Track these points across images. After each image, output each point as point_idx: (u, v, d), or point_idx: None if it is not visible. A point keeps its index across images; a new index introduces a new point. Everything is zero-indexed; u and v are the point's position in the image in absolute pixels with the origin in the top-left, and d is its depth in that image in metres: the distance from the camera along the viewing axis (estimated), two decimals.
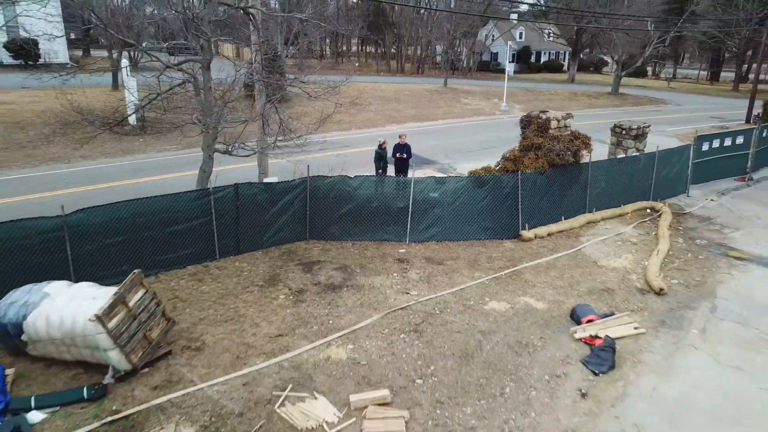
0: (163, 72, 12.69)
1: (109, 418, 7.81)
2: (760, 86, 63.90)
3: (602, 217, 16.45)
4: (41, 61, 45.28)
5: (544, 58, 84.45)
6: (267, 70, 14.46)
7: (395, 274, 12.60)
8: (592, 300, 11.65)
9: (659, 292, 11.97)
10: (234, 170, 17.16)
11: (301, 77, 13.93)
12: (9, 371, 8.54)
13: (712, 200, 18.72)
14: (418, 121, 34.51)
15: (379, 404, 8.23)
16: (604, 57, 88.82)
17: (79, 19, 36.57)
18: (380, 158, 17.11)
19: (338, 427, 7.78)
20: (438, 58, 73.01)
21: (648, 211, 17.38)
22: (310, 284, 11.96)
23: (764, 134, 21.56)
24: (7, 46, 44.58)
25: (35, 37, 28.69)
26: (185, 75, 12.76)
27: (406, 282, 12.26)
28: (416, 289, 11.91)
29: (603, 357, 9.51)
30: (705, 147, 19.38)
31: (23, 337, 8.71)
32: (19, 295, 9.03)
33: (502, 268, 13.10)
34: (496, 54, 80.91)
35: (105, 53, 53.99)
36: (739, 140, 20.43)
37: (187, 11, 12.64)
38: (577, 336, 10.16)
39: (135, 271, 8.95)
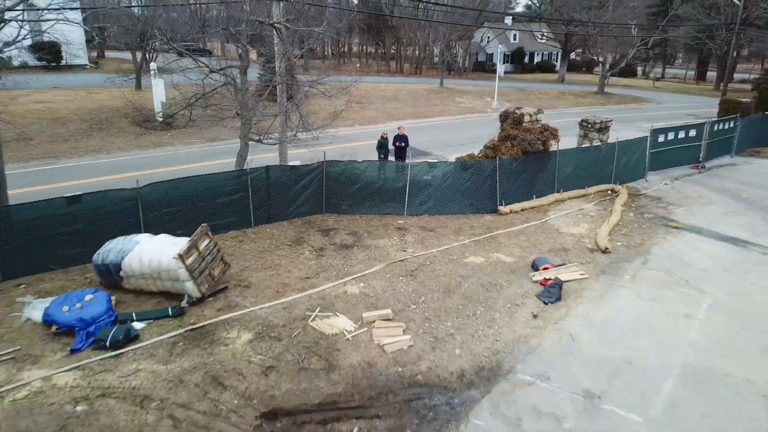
0: (207, 75, 15.68)
1: (189, 327, 10.84)
2: (740, 86, 66.82)
3: (569, 196, 19.49)
4: (63, 63, 48.27)
5: (537, 59, 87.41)
6: (289, 74, 17.44)
7: (395, 238, 15.63)
8: (550, 255, 14.68)
9: (604, 251, 15.00)
10: (258, 159, 20.17)
11: (319, 79, 16.93)
12: (112, 297, 11.56)
13: (665, 184, 21.75)
14: (416, 118, 37.51)
15: (384, 320, 11.25)
16: (595, 58, 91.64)
17: (95, 24, 39.49)
18: (382, 147, 20.13)
19: (354, 333, 10.81)
20: (435, 59, 75.94)
21: (609, 192, 20.40)
22: (328, 244, 14.99)
23: (715, 128, 24.60)
24: (33, 48, 47.53)
25: (56, 40, 31.52)
26: (226, 78, 15.75)
27: (404, 243, 15.28)
28: (411, 248, 14.94)
29: (552, 292, 12.54)
30: (660, 139, 22.41)
31: (121, 274, 11.75)
32: (115, 244, 12.07)
33: (480, 234, 16.13)
34: (491, 55, 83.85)
35: (117, 55, 56.93)
36: (692, 133, 23.48)
37: (229, 27, 15.66)
38: (534, 279, 13.19)
39: (203, 224, 12.00)
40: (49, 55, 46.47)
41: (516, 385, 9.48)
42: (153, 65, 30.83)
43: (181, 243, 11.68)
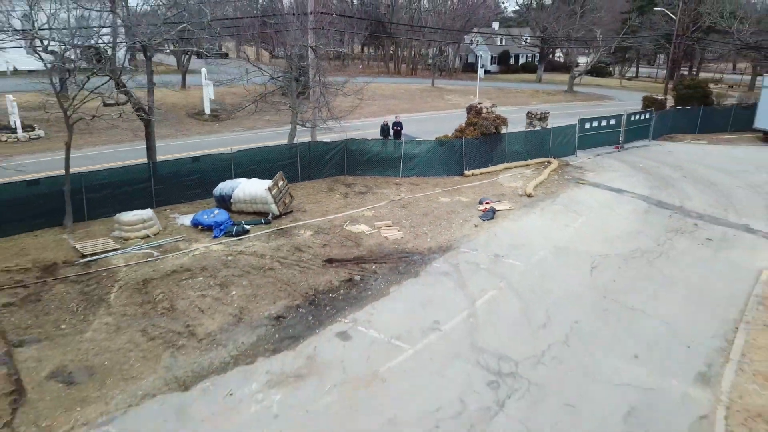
0: (274, 77, 23.38)
1: (274, 228, 18.67)
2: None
3: (515, 165, 27.31)
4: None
5: (521, 60, 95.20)
6: (321, 79, 25.21)
7: (393, 189, 23.46)
8: (492, 197, 22.51)
9: (529, 196, 22.82)
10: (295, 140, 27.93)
11: (342, 84, 24.71)
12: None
13: (589, 158, 29.58)
14: (410, 113, 45.24)
15: (386, 226, 19.09)
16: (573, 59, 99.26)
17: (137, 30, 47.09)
18: (384, 130, 27.93)
19: (370, 232, 18.63)
20: (429, 62, 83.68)
21: (545, 163, 28.22)
22: (350, 191, 22.84)
23: (632, 119, 32.41)
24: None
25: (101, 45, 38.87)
26: (281, 81, 23.48)
27: (399, 191, 23.13)
28: (404, 194, 22.79)
29: (488, 214, 20.38)
30: (587, 126, 30.22)
31: (231, 200, 19.59)
32: (226, 183, 19.92)
33: (450, 186, 23.97)
34: (479, 57, 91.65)
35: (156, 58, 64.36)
36: (612, 122, 31.31)
37: (285, 50, 23.44)
38: (479, 208, 21.03)
39: (279, 172, 19.84)
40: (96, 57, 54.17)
41: (459, 252, 17.33)
42: (203, 70, 38.56)
43: (266, 183, 19.52)
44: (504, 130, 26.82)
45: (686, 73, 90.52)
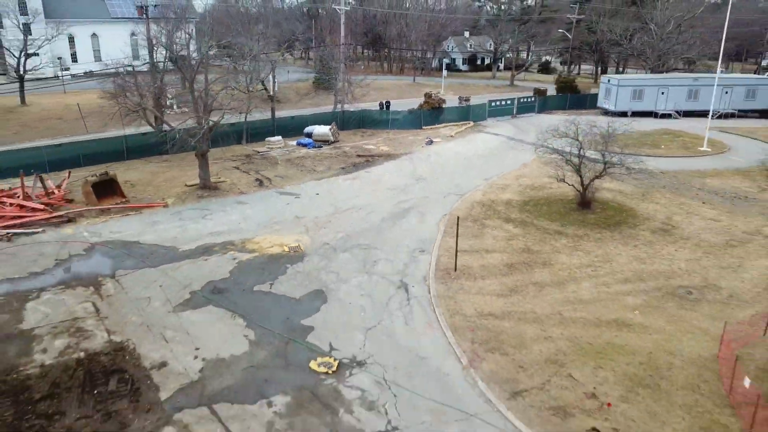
0: (319, 76, 45.37)
1: (331, 147, 40.89)
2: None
3: (449, 124, 49.40)
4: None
5: (487, 61, 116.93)
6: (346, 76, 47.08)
7: (385, 134, 45.71)
8: (433, 137, 44.70)
9: (451, 137, 45.05)
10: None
11: (358, 80, 46.58)
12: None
13: (492, 121, 51.69)
14: (397, 99, 67.05)
15: (381, 146, 41.37)
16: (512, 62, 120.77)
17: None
18: (380, 106, 50.06)
19: (374, 148, 40.87)
20: (416, 63, 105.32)
21: (466, 123, 50.34)
22: (364, 134, 45.17)
23: (521, 101, 54.42)
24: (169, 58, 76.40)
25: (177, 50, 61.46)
26: (330, 74, 45.48)
27: (388, 135, 45.36)
28: (390, 136, 45.04)
29: (429, 142, 42.64)
30: (494, 104, 52.27)
31: (312, 134, 41.83)
32: (310, 127, 42.23)
33: (413, 133, 46.24)
34: (454, 59, 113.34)
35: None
36: (509, 102, 53.36)
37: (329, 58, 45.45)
38: (425, 140, 43.32)
39: (333, 122, 42.13)
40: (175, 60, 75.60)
41: (413, 154, 39.53)
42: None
43: (327, 127, 41.70)
44: (444, 106, 49.01)
45: (604, 71, 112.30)
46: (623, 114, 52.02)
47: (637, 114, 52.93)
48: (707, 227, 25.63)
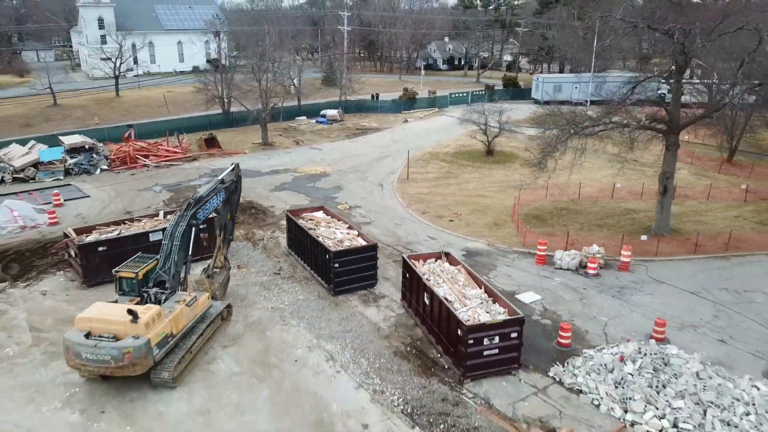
0: (326, 75, 63.71)
1: (339, 124, 59.40)
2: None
3: (421, 110, 67.85)
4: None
5: (464, 62, 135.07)
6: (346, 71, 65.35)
7: (375, 116, 64.16)
8: (408, 118, 63.17)
9: (421, 118, 63.56)
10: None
11: (357, 77, 64.76)
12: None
13: (452, 108, 70.14)
14: (385, 92, 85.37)
15: (372, 124, 59.93)
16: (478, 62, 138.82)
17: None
18: (372, 97, 68.43)
19: (367, 125, 59.38)
20: (402, 64, 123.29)
21: (433, 109, 68.77)
22: (361, 116, 63.59)
23: (474, 93, 72.73)
24: (209, 61, 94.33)
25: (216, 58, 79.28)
26: (332, 71, 63.83)
27: (378, 116, 63.83)
28: (379, 117, 63.55)
29: (405, 120, 61.21)
30: (453, 95, 70.60)
31: (326, 116, 60.30)
32: (324, 110, 60.71)
33: (395, 115, 64.73)
34: (436, 60, 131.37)
35: None
36: (465, 94, 71.67)
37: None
38: (403, 120, 61.85)
39: (339, 108, 60.73)
40: (215, 65, 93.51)
41: (393, 128, 58.06)
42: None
43: (336, 110, 60.16)
44: (417, 97, 67.53)
45: (560, 70, 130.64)
46: (548, 103, 70.34)
47: (558, 102, 71.40)
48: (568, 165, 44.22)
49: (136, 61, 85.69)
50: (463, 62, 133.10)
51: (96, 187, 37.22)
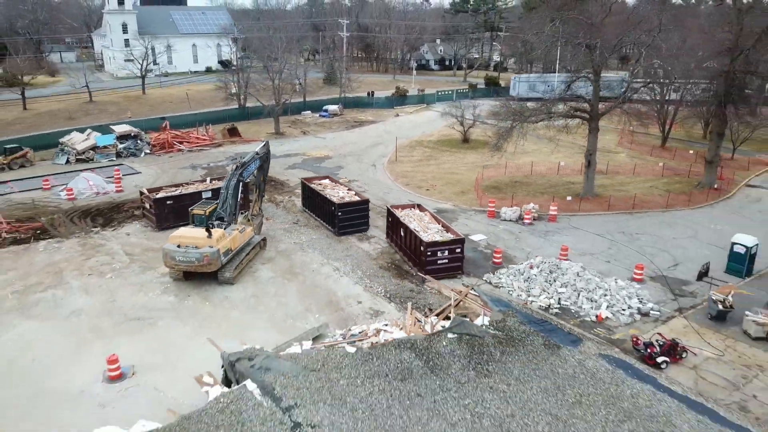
0: (328, 74, 71.94)
1: (340, 117, 67.70)
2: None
3: (411, 106, 76.13)
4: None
5: (453, 62, 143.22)
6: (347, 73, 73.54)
7: (371, 111, 72.43)
8: (400, 112, 71.48)
9: (411, 113, 71.87)
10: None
11: (355, 77, 72.89)
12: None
13: (438, 104, 78.42)
14: (380, 90, 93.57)
15: (369, 117, 68.25)
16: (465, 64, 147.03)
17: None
18: (368, 95, 76.69)
19: (364, 118, 67.72)
20: (396, 64, 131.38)
21: (422, 105, 77.00)
22: (358, 111, 71.89)
23: (458, 91, 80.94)
24: (221, 62, 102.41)
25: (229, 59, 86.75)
26: (332, 70, 72.09)
27: (374, 111, 72.16)
28: (374, 111, 71.87)
29: (396, 115, 69.49)
30: (440, 93, 78.79)
31: (328, 111, 68.70)
32: (326, 106, 69.05)
33: (389, 110, 73.02)
34: (428, 60, 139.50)
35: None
36: (450, 92, 79.92)
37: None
38: (395, 114, 70.18)
39: (339, 103, 69.08)
40: (225, 65, 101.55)
41: (387, 120, 66.34)
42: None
43: (337, 105, 68.45)
44: (408, 94, 75.81)
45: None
46: (522, 99, 78.76)
47: (532, 99, 79.81)
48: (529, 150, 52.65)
49: (156, 62, 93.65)
50: (452, 63, 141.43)
51: (144, 166, 45.49)
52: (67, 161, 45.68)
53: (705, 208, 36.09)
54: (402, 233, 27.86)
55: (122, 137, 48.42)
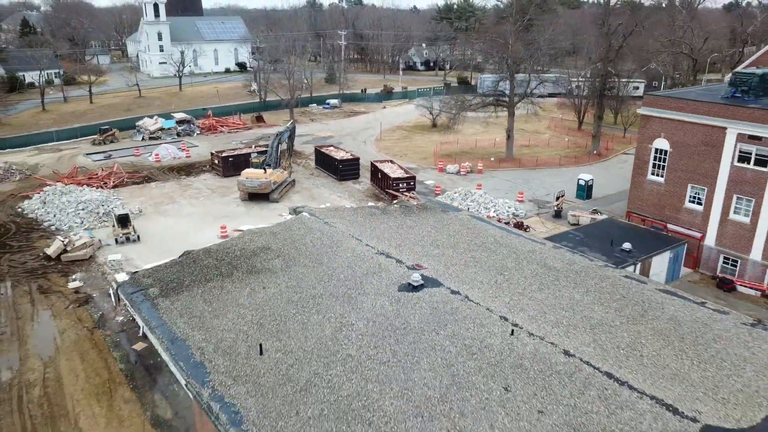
0: (328, 74, 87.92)
1: (339, 109, 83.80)
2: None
3: (397, 102, 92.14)
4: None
5: (440, 64, 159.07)
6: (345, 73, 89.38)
7: (363, 105, 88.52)
8: (389, 106, 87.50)
9: (394, 107, 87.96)
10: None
11: (352, 77, 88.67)
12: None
13: (417, 99, 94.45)
14: (371, 88, 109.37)
15: (362, 111, 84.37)
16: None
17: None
18: (361, 91, 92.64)
19: (359, 111, 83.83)
20: (386, 65, 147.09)
21: (405, 100, 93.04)
22: (354, 106, 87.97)
23: (435, 88, 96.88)
24: (237, 64, 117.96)
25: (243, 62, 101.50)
26: (332, 71, 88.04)
27: (366, 106, 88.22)
28: (367, 106, 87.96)
29: (384, 107, 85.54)
30: (419, 90, 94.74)
31: (330, 104, 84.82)
32: (328, 100, 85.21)
33: (378, 105, 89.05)
34: (415, 62, 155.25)
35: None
36: (428, 89, 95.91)
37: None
38: (382, 107, 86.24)
39: (339, 98, 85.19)
40: (241, 66, 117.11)
41: (375, 112, 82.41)
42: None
43: (337, 99, 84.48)
44: (393, 91, 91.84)
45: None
46: (487, 95, 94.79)
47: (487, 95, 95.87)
48: (478, 131, 69.02)
49: (192, 64, 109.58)
50: (435, 64, 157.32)
51: (198, 142, 61.53)
52: (143, 138, 61.66)
53: (585, 166, 52.43)
54: (379, 175, 44.12)
55: (180, 122, 64.41)
